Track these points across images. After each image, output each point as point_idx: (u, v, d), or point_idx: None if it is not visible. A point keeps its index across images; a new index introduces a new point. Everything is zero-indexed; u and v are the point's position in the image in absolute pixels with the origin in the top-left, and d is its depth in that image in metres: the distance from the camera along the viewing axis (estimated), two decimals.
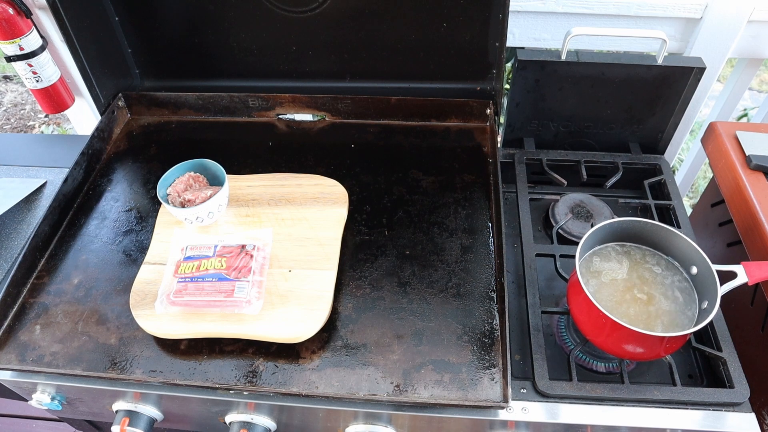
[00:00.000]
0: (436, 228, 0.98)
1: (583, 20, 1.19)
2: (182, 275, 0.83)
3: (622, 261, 0.87)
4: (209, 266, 0.84)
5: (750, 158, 1.02)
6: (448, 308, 0.87)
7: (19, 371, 0.85)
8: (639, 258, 0.87)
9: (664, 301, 0.82)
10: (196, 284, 0.82)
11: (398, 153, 1.13)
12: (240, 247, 0.86)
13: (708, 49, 1.17)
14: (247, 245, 0.87)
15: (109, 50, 1.16)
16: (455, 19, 1.06)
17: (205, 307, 0.82)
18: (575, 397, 0.81)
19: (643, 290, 0.84)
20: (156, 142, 1.18)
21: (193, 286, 0.82)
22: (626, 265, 0.87)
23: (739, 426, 0.78)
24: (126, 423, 0.86)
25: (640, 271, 0.86)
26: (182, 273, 0.84)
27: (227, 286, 0.83)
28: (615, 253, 0.88)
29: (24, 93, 3.03)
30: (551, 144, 1.19)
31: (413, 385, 0.78)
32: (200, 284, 0.82)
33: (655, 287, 0.84)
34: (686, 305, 0.81)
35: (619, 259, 0.87)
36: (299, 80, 1.20)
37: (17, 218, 1.10)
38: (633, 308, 0.81)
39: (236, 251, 0.86)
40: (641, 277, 0.85)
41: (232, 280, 0.83)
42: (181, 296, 0.81)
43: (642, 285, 0.84)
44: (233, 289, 0.82)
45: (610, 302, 0.82)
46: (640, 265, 0.86)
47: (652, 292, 0.83)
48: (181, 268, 0.85)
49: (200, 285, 0.82)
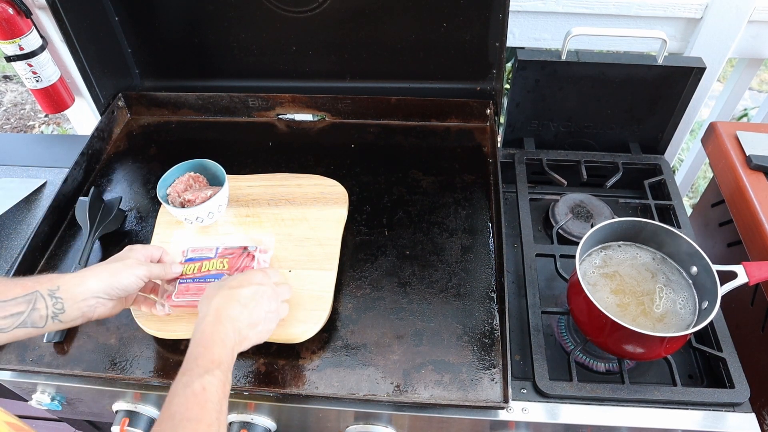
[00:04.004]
0: (436, 228, 0.98)
1: (583, 20, 1.19)
2: (184, 276, 0.82)
3: (622, 261, 0.87)
4: (211, 267, 0.83)
5: (750, 158, 1.02)
6: (448, 308, 0.87)
7: (19, 371, 0.85)
8: (639, 258, 0.87)
9: (664, 301, 0.82)
10: (198, 285, 0.81)
11: (398, 153, 1.12)
12: (242, 248, 0.86)
13: (708, 49, 1.17)
14: (249, 246, 0.86)
15: (109, 50, 1.16)
16: (455, 19, 1.06)
17: None
18: (575, 397, 0.81)
19: (643, 290, 0.83)
20: (156, 142, 1.18)
21: (195, 287, 0.81)
22: (626, 265, 0.87)
23: (739, 426, 0.78)
24: (126, 423, 0.86)
25: (640, 271, 0.86)
26: (184, 274, 0.83)
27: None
28: (615, 253, 0.88)
29: (24, 93, 3.03)
30: (551, 144, 1.18)
31: (413, 386, 0.78)
32: (202, 285, 0.81)
33: (655, 287, 0.84)
34: (686, 305, 0.81)
35: (619, 259, 0.87)
36: (299, 80, 1.20)
37: (17, 218, 1.10)
38: (633, 308, 0.81)
39: (238, 252, 0.85)
40: (641, 277, 0.85)
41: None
42: (183, 297, 0.81)
43: (642, 285, 0.84)
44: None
45: (610, 302, 0.82)
46: (640, 265, 0.86)
47: (653, 292, 0.83)
48: (185, 268, 0.84)
49: (202, 286, 0.81)
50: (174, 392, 0.58)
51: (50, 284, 0.67)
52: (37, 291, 0.66)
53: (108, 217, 0.98)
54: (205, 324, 0.66)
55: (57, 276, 0.68)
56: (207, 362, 0.61)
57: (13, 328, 0.64)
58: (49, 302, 0.66)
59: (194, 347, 0.63)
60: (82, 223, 0.97)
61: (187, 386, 0.58)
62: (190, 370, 0.60)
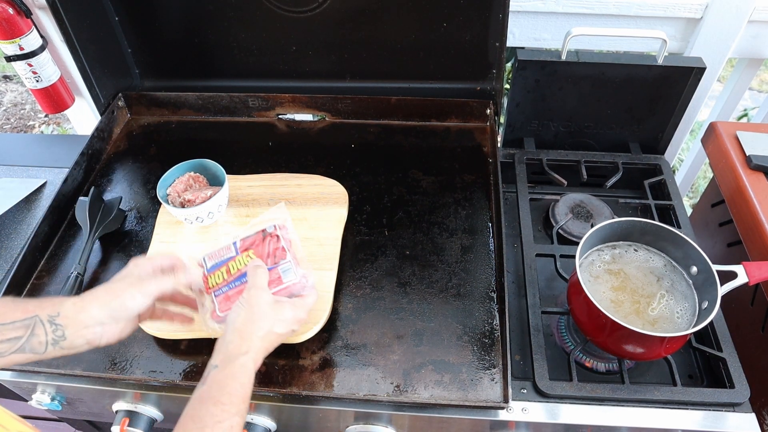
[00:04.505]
0: (436, 228, 0.98)
1: (583, 20, 1.19)
2: (215, 288, 0.74)
3: (630, 261, 0.87)
4: (239, 266, 0.75)
5: (750, 158, 1.02)
6: (448, 308, 0.87)
7: (19, 371, 0.86)
8: (639, 258, 0.87)
9: (662, 306, 0.82)
10: (236, 289, 0.74)
11: (398, 153, 1.12)
12: (260, 232, 0.78)
13: (708, 49, 1.17)
14: (267, 228, 0.78)
15: (109, 50, 1.16)
16: (455, 19, 1.06)
17: None
18: (575, 397, 0.80)
19: (643, 290, 0.83)
20: (156, 142, 1.18)
21: (234, 293, 0.73)
22: (626, 265, 0.87)
23: (739, 426, 0.78)
24: (126, 423, 0.86)
25: (640, 271, 0.86)
26: (214, 286, 0.74)
27: (272, 275, 0.74)
28: (615, 253, 0.88)
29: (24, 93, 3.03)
30: (551, 144, 1.18)
31: (413, 386, 0.78)
32: (240, 287, 0.73)
33: (655, 287, 0.84)
34: (684, 315, 0.81)
35: (629, 259, 0.87)
36: (299, 80, 1.20)
37: (17, 218, 1.10)
38: (633, 308, 0.81)
39: (259, 239, 0.77)
40: (641, 277, 0.85)
41: (272, 267, 0.74)
42: (227, 307, 0.73)
43: (642, 285, 0.84)
44: (279, 276, 0.74)
45: (611, 302, 0.82)
46: (640, 265, 0.86)
47: (653, 292, 0.83)
48: (210, 281, 0.75)
49: (240, 287, 0.73)
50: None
51: (51, 309, 0.63)
52: (37, 316, 0.62)
53: (108, 217, 0.98)
54: (250, 362, 0.64)
55: (60, 300, 0.65)
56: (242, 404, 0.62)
57: (10, 353, 0.62)
58: (49, 328, 0.62)
59: (239, 385, 0.63)
60: (82, 223, 0.97)
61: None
62: (227, 408, 0.60)
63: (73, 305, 0.64)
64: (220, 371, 0.62)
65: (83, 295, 0.66)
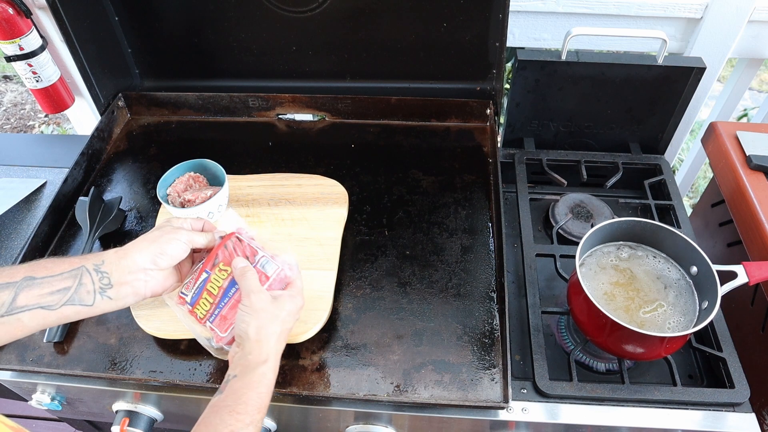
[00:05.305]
0: (436, 228, 0.98)
1: (583, 20, 1.19)
2: (207, 316, 0.72)
3: (622, 261, 0.87)
4: (218, 283, 0.72)
5: (750, 158, 1.02)
6: (448, 308, 0.87)
7: (19, 371, 0.85)
8: (639, 258, 0.87)
9: (657, 314, 0.81)
10: (228, 304, 0.71)
11: (398, 153, 1.13)
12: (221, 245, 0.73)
13: (708, 49, 1.17)
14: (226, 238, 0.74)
15: (109, 50, 1.16)
16: (455, 19, 1.06)
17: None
18: (575, 397, 0.81)
19: (643, 290, 0.83)
20: (156, 142, 1.18)
21: (227, 310, 0.71)
22: (626, 265, 0.87)
23: (739, 426, 0.78)
24: (126, 423, 0.86)
25: (640, 271, 0.86)
26: (204, 314, 0.72)
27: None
28: (615, 253, 0.88)
29: (24, 93, 3.03)
30: (551, 144, 1.19)
31: (413, 386, 0.78)
32: (231, 301, 0.71)
33: (655, 287, 0.84)
34: (686, 305, 0.81)
35: (619, 259, 0.87)
36: (299, 80, 1.20)
37: (17, 218, 1.10)
38: (633, 308, 0.81)
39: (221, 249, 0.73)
40: (641, 277, 0.85)
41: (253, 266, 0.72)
42: (227, 327, 0.71)
43: (642, 285, 0.84)
44: (264, 272, 0.71)
45: (611, 302, 0.82)
46: (641, 265, 0.86)
47: (653, 292, 0.83)
48: (197, 311, 0.73)
49: (231, 302, 0.71)
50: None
51: (96, 259, 0.66)
52: (83, 266, 0.65)
53: (108, 217, 0.98)
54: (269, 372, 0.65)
55: (101, 252, 0.67)
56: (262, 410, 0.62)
57: (61, 305, 0.62)
58: (95, 277, 0.65)
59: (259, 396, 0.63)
60: (82, 223, 0.97)
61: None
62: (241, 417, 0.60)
63: (115, 253, 0.67)
64: (239, 380, 0.63)
65: (123, 246, 0.68)
